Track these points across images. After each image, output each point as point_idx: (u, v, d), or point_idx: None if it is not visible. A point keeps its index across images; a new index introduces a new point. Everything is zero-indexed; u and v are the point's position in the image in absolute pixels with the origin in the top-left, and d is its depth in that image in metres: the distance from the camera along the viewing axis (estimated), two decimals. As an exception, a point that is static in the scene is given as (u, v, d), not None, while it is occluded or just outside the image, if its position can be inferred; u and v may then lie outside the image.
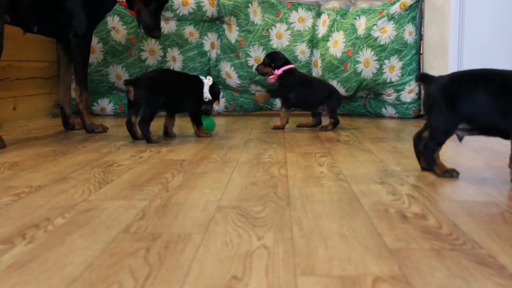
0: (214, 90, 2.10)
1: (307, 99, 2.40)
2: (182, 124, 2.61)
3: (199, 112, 2.10)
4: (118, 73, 3.01)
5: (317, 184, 1.29)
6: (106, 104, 3.10)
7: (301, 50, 3.06)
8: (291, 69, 2.41)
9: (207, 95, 2.07)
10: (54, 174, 1.41)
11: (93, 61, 2.96)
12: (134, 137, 2.01)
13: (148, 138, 1.96)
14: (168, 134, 2.12)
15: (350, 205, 1.09)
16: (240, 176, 1.38)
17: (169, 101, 2.02)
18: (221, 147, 1.90)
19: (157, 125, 2.34)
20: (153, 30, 2.28)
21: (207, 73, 3.07)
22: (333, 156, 1.70)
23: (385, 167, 1.50)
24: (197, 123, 2.10)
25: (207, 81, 2.09)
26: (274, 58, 2.43)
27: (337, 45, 2.94)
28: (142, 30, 2.30)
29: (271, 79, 2.42)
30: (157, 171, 1.45)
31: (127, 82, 1.95)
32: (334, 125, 2.40)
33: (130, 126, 1.99)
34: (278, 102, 3.16)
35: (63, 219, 1.00)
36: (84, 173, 1.42)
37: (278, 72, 2.39)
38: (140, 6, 2.27)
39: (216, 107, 3.10)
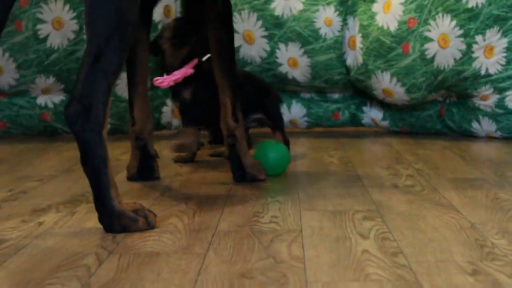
0: None
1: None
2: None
3: None
4: (-3, 63, 3.03)
5: (358, 275, 1.29)
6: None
7: (326, 19, 3.09)
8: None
9: None
10: None
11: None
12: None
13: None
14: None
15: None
16: (221, 261, 1.38)
17: None
18: (184, 201, 1.91)
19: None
20: None
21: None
22: (386, 217, 1.70)
23: (479, 240, 1.50)
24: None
25: None
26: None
27: (390, 9, 2.97)
28: None
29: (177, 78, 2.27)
30: (69, 253, 1.45)
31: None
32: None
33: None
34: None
35: None
36: None
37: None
38: None
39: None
